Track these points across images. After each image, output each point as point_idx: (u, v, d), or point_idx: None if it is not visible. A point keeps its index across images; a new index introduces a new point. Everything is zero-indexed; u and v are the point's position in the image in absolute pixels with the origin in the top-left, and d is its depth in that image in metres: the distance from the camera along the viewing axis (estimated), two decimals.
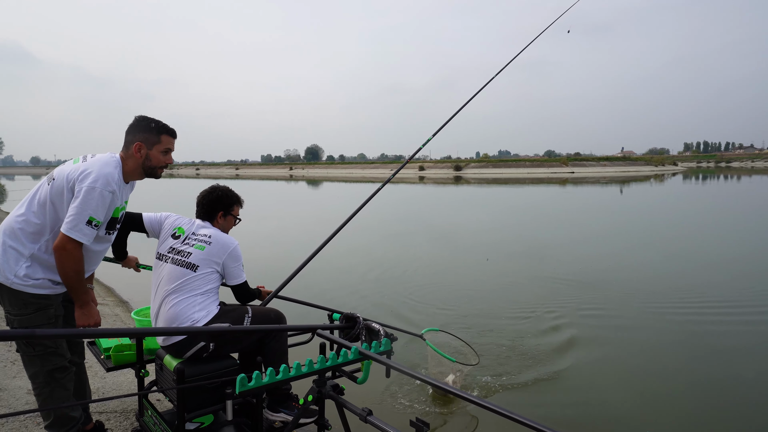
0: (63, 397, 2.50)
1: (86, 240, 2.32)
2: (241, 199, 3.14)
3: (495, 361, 5.09)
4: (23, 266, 2.35)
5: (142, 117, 2.57)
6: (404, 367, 2.06)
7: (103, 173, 2.35)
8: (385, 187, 4.02)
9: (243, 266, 2.91)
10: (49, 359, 2.43)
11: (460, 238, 13.53)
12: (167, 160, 2.65)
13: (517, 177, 59.98)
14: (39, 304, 2.39)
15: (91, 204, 2.30)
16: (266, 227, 15.77)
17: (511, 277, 8.83)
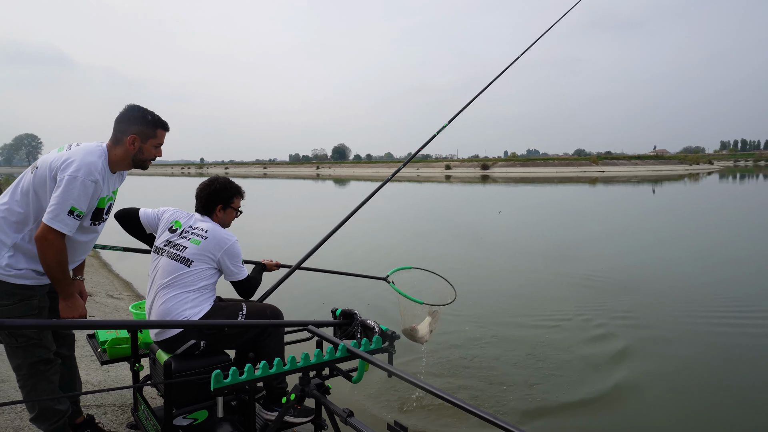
0: (47, 390, 2.43)
1: (68, 230, 2.25)
2: (242, 191, 3.02)
3: (525, 376, 4.67)
4: (5, 256, 2.28)
5: (136, 108, 2.48)
6: (392, 367, 1.92)
7: (86, 162, 2.27)
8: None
9: (242, 262, 2.80)
10: (32, 351, 2.37)
11: (485, 236, 13.27)
12: (157, 153, 2.60)
13: (546, 176, 59.05)
14: (21, 295, 2.32)
15: (73, 193, 2.22)
16: (285, 223, 15.78)
17: (538, 277, 8.54)
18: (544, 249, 11.06)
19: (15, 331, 2.33)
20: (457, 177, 61.86)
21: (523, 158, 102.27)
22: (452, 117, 4.21)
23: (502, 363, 4.94)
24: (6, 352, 2.41)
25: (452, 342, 5.46)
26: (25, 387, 2.42)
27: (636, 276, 8.48)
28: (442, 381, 4.50)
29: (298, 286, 5.93)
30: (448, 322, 6.06)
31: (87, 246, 2.54)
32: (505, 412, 4.02)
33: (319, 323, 2.86)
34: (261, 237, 12.56)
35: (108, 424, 3.14)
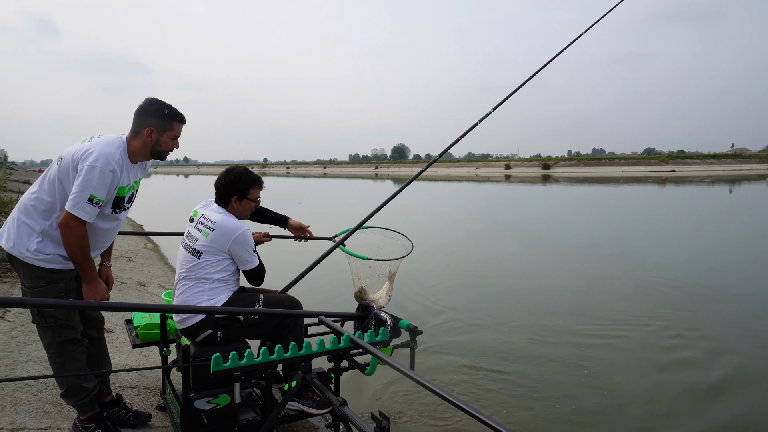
0: (74, 369, 2.57)
1: (87, 217, 2.36)
2: (260, 181, 3.01)
3: (591, 411, 4.01)
4: (34, 241, 2.43)
5: (154, 101, 2.57)
6: (394, 361, 1.91)
7: (104, 153, 2.39)
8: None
9: (255, 250, 2.83)
10: (60, 331, 2.51)
11: (543, 238, 12.90)
12: (175, 145, 2.67)
13: (611, 176, 56.79)
14: (49, 278, 2.47)
15: (92, 182, 2.34)
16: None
17: (600, 281, 8.10)
18: (607, 252, 10.61)
19: (43, 310, 2.48)
20: (516, 177, 60.60)
21: (587, 157, 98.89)
22: (496, 105, 4.04)
23: (550, 380, 4.51)
24: (38, 332, 2.57)
25: (496, 348, 5.21)
26: (55, 364, 2.57)
27: (714, 285, 7.70)
28: (467, 386, 4.37)
29: (339, 278, 6.01)
30: (497, 330, 5.96)
31: (110, 233, 2.67)
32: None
33: (333, 314, 2.88)
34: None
35: (139, 404, 3.29)
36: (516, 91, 4.05)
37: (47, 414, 2.94)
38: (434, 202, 25.52)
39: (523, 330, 5.68)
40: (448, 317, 6.18)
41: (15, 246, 2.44)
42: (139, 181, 2.75)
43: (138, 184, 2.73)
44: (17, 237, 2.44)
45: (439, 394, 1.59)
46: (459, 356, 4.94)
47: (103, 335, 2.94)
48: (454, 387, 4.31)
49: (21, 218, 2.47)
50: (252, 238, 2.81)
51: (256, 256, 2.85)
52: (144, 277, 7.32)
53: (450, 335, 5.54)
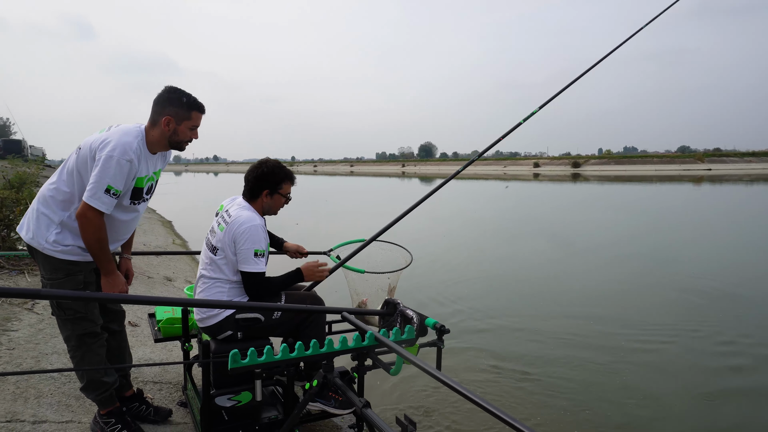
0: (93, 362, 2.52)
1: (105, 208, 2.30)
2: (293, 176, 2.91)
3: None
4: (53, 232, 2.39)
5: (172, 89, 2.49)
6: (419, 360, 1.79)
7: (122, 142, 2.32)
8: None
9: (261, 253, 2.63)
10: (80, 324, 2.46)
11: (574, 237, 12.59)
12: (193, 135, 2.59)
13: (643, 174, 55.46)
14: (68, 270, 2.43)
15: (109, 172, 2.28)
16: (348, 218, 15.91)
17: (638, 282, 7.82)
18: (642, 252, 10.28)
19: (62, 303, 2.44)
20: (545, 175, 59.69)
21: (618, 156, 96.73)
22: (543, 103, 3.72)
23: (585, 386, 4.26)
24: (57, 324, 2.53)
25: (525, 350, 5.02)
26: (75, 357, 2.54)
27: (761, 288, 7.38)
28: (495, 388, 4.20)
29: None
30: (526, 331, 5.79)
31: (129, 225, 2.61)
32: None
33: (357, 311, 2.78)
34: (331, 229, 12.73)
35: (161, 400, 3.25)
36: (564, 90, 3.77)
37: (69, 407, 2.91)
38: (459, 200, 25.26)
39: (553, 332, 5.48)
40: (474, 317, 6.03)
41: (34, 237, 2.40)
42: (159, 172, 2.68)
43: (158, 175, 2.67)
44: (36, 228, 2.41)
45: (468, 397, 1.47)
46: (486, 357, 4.80)
47: (123, 329, 2.89)
48: (480, 388, 4.16)
49: (40, 209, 2.43)
50: (262, 238, 2.66)
51: (263, 262, 2.65)
52: (171, 272, 7.36)
53: (476, 335, 5.39)
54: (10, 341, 3.63)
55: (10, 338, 3.68)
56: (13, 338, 3.69)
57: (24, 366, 3.29)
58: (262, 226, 2.69)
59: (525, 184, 42.00)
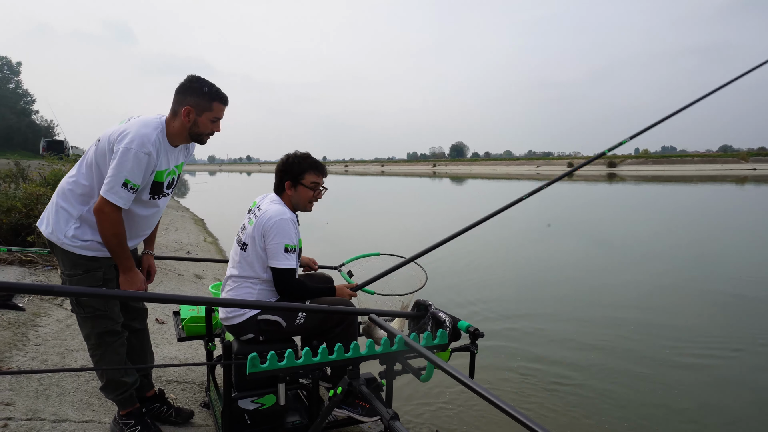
0: (113, 362, 2.45)
1: (122, 203, 2.21)
2: (320, 166, 2.73)
3: None
4: (72, 227, 2.31)
5: (195, 78, 2.37)
6: (450, 367, 1.63)
7: (140, 134, 2.23)
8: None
9: (292, 248, 2.52)
10: (99, 322, 2.39)
11: (612, 239, 12.16)
12: (215, 128, 2.45)
13: (683, 174, 53.63)
14: (87, 266, 2.35)
15: (126, 165, 2.18)
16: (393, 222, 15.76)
17: (683, 288, 7.31)
18: (685, 256, 9.84)
19: (81, 300, 2.37)
20: (579, 175, 58.31)
21: (656, 155, 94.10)
22: (635, 134, 3.52)
23: (633, 401, 3.94)
24: (78, 322, 2.47)
25: (564, 359, 4.73)
26: (95, 356, 2.47)
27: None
28: (530, 397, 3.96)
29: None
30: (564, 338, 5.55)
31: (149, 220, 2.52)
32: None
33: (386, 313, 2.63)
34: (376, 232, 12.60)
35: (184, 400, 3.17)
36: (659, 123, 3.49)
37: (90, 406, 2.85)
38: (490, 200, 24.87)
39: (594, 341, 5.16)
40: (505, 319, 5.78)
41: (53, 232, 2.33)
42: (182, 166, 2.59)
43: (180, 168, 2.56)
44: (55, 222, 2.33)
45: (504, 410, 1.31)
46: (519, 362, 4.57)
47: (146, 327, 2.81)
48: (514, 397, 3.95)
49: (59, 203, 2.36)
50: (293, 232, 2.54)
51: (294, 258, 2.54)
52: (201, 270, 7.36)
53: (508, 339, 5.14)
54: (38, 336, 3.62)
55: (38, 333, 3.67)
56: (41, 334, 3.67)
57: (49, 362, 3.26)
58: (293, 221, 2.57)
59: (558, 184, 41.09)
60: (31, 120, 74.44)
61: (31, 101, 77.93)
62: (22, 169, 6.91)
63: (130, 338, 2.63)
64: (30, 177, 6.89)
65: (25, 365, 3.14)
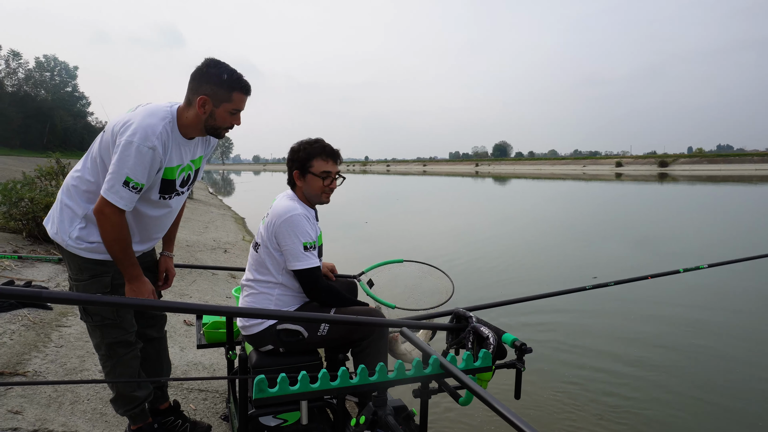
0: (124, 375, 2.23)
1: (123, 204, 1.96)
2: (330, 150, 2.37)
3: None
4: (76, 227, 2.09)
5: (213, 62, 2.06)
6: (495, 400, 1.34)
7: (143, 125, 1.96)
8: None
9: (311, 245, 2.25)
10: (109, 331, 2.18)
11: (660, 243, 11.44)
12: (234, 121, 2.14)
13: (741, 174, 50.92)
14: (94, 271, 2.13)
15: (128, 162, 1.92)
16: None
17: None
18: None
19: (89, 308, 2.16)
20: (629, 175, 56.29)
21: (711, 154, 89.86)
22: None
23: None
24: (87, 330, 2.26)
25: (620, 377, 4.30)
26: (105, 367, 2.26)
27: None
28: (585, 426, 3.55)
29: None
30: (617, 352, 5.10)
31: (160, 222, 2.28)
32: None
33: (421, 325, 2.33)
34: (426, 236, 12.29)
35: (204, 411, 2.96)
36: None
37: (104, 417, 2.67)
38: (533, 200, 24.13)
39: (644, 352, 4.70)
40: (550, 328, 5.35)
41: (58, 232, 2.11)
42: (200, 160, 2.30)
43: (197, 163, 2.28)
44: (60, 222, 2.11)
45: None
46: (567, 377, 4.16)
47: (163, 335, 2.59)
48: (567, 424, 3.51)
49: (63, 200, 2.14)
50: (307, 228, 2.26)
51: (315, 255, 2.26)
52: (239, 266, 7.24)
53: (554, 351, 4.71)
54: (61, 338, 3.49)
55: (61, 334, 3.54)
56: (64, 335, 3.55)
57: (68, 366, 3.11)
58: (305, 216, 2.28)
59: (607, 184, 39.69)
60: (87, 122, 77.61)
61: (87, 104, 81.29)
62: (63, 166, 6.92)
63: (146, 348, 2.42)
64: None
65: (42, 369, 2.99)
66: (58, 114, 66.28)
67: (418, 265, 3.05)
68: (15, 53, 66.41)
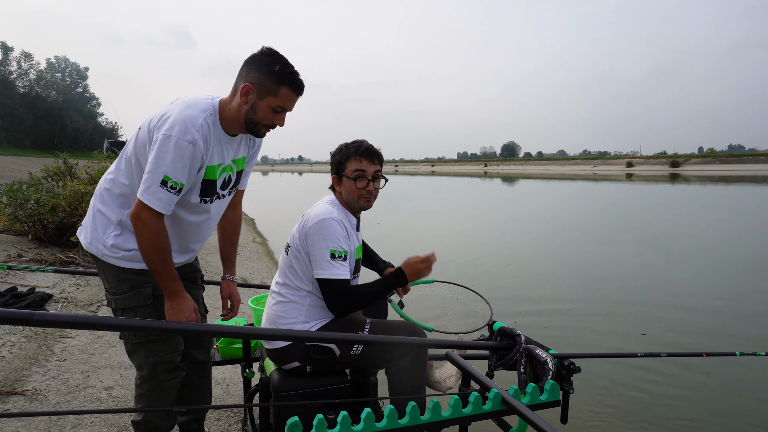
0: (158, 403, 1.99)
1: (161, 207, 1.72)
2: (365, 149, 2.12)
3: None
4: (111, 234, 1.86)
5: (269, 52, 1.80)
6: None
7: (182, 117, 1.72)
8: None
9: (341, 254, 2.00)
10: (154, 349, 1.93)
11: (671, 245, 11.10)
12: (277, 120, 1.87)
13: (753, 175, 50.21)
14: (134, 281, 1.88)
15: (165, 158, 1.68)
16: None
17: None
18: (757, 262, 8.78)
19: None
20: (640, 176, 55.69)
21: (723, 154, 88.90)
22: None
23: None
24: (126, 350, 2.01)
25: (667, 395, 4.05)
26: (140, 388, 2.00)
27: None
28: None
29: None
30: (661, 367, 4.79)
31: (200, 229, 2.02)
32: None
33: (467, 345, 2.07)
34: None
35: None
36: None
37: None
38: (543, 200, 23.78)
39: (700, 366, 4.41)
40: (574, 336, 5.07)
41: (92, 242, 1.88)
42: (243, 161, 2.03)
43: (240, 164, 2.01)
44: (93, 230, 1.88)
45: None
46: (609, 394, 3.87)
47: (209, 359, 2.33)
48: None
49: (96, 206, 1.90)
50: (340, 235, 2.01)
51: (345, 266, 2.01)
52: (248, 273, 7.01)
53: (605, 370, 4.33)
54: (64, 350, 3.27)
55: (65, 347, 3.32)
56: (68, 347, 3.33)
57: (71, 383, 2.88)
58: (340, 221, 2.04)
59: (618, 185, 39.23)
60: (97, 122, 77.94)
61: (97, 104, 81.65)
62: (71, 166, 6.73)
63: (189, 373, 2.15)
64: (78, 175, 6.72)
65: (42, 387, 2.77)
66: (69, 115, 66.60)
67: (449, 286, 2.78)
68: (26, 54, 66.78)
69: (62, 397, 2.70)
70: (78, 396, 2.75)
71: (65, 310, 3.97)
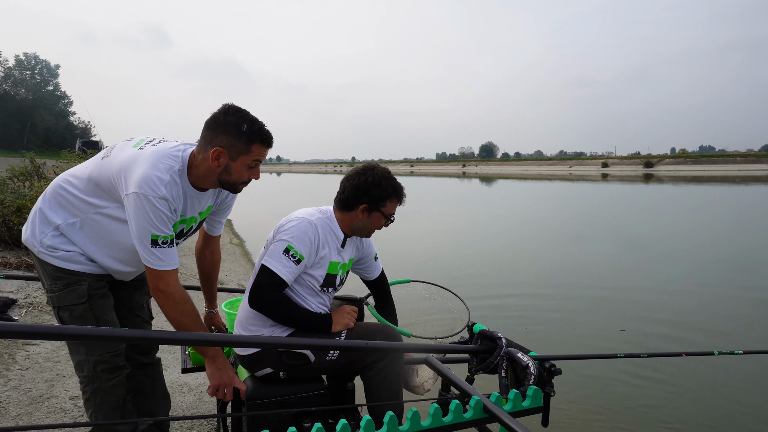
0: (106, 404, 1.90)
1: (168, 265, 1.74)
2: (402, 193, 2.11)
3: None
4: (48, 234, 1.81)
5: (231, 110, 1.76)
6: None
7: (151, 177, 1.67)
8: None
9: (296, 255, 1.91)
10: (95, 348, 1.85)
11: (648, 244, 11.25)
12: (252, 174, 1.86)
13: (725, 175, 51.40)
14: (69, 280, 1.83)
15: (146, 218, 1.67)
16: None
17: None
18: (730, 261, 8.94)
19: (63, 317, 1.88)
20: (615, 176, 56.59)
21: (695, 155, 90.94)
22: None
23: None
24: (68, 348, 1.94)
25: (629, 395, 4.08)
26: (85, 393, 1.92)
27: None
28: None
29: None
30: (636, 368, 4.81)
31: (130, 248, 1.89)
32: None
33: (446, 348, 2.02)
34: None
35: None
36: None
37: None
38: (519, 200, 23.98)
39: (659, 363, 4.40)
40: (545, 338, 5.06)
41: (30, 238, 1.84)
42: (208, 211, 2.00)
43: (204, 214, 1.99)
44: (32, 227, 1.84)
45: None
46: (598, 407, 3.85)
47: (157, 362, 2.25)
48: None
49: (41, 205, 1.85)
50: (308, 239, 1.94)
51: (291, 265, 1.91)
52: (224, 275, 6.86)
53: (581, 373, 4.29)
54: (27, 358, 3.12)
55: (28, 354, 3.17)
56: (32, 354, 3.18)
57: (33, 393, 2.75)
58: (315, 226, 1.97)
59: (594, 185, 39.79)
60: (69, 121, 76.30)
61: (69, 103, 79.83)
62: (38, 166, 6.51)
63: (137, 375, 2.09)
64: (45, 175, 6.50)
65: (2, 398, 2.62)
66: (39, 113, 65.05)
67: (426, 286, 2.72)
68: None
69: (23, 409, 2.57)
70: (41, 407, 2.62)
71: (30, 316, 3.81)
